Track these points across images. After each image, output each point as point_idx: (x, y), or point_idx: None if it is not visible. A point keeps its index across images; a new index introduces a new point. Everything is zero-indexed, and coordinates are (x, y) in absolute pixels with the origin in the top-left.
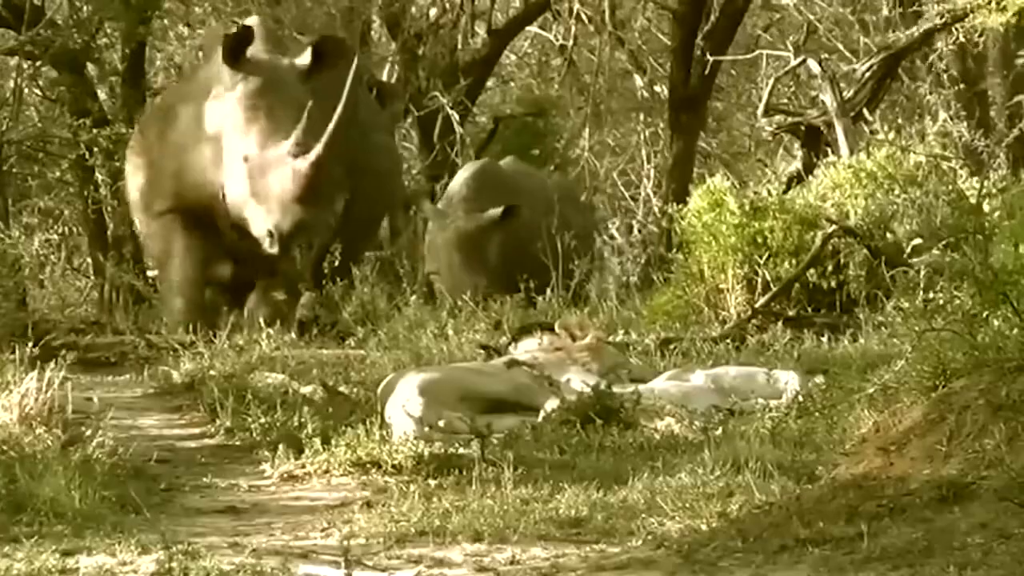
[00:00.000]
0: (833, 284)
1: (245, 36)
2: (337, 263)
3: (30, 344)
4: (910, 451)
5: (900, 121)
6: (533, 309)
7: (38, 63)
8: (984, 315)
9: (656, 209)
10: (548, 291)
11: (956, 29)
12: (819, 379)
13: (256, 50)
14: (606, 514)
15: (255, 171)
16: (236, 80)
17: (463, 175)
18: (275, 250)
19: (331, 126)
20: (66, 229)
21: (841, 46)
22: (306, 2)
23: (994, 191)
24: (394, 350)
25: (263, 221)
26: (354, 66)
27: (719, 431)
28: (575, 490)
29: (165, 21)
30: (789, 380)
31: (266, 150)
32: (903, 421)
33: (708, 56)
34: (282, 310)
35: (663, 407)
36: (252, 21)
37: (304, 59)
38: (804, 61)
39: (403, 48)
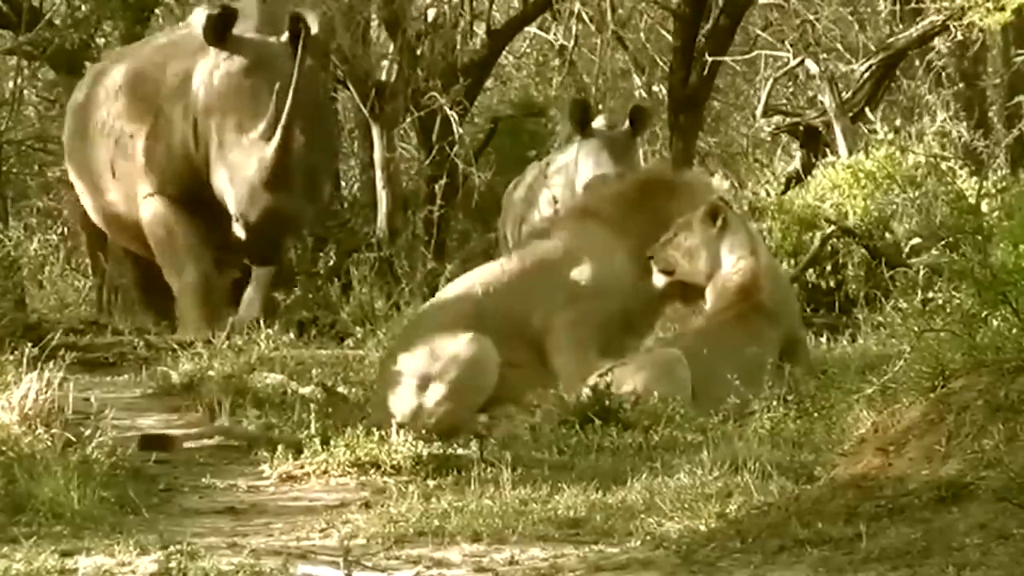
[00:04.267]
0: (832, 284)
1: (228, 17)
2: (332, 261)
3: (30, 344)
4: (909, 451)
5: (899, 121)
6: None
7: (37, 63)
8: (983, 315)
9: None
10: None
11: (955, 27)
12: None
13: (245, 27)
14: (605, 514)
15: (232, 155)
16: (220, 59)
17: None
18: (243, 235)
19: (286, 109)
20: (65, 229)
21: (840, 46)
22: (305, 2)
23: (993, 191)
24: None
25: (234, 207)
26: (302, 45)
27: (718, 432)
28: (574, 490)
29: (163, 21)
30: None
31: (243, 134)
32: (902, 421)
33: (708, 56)
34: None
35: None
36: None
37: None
38: (803, 61)
39: (403, 48)
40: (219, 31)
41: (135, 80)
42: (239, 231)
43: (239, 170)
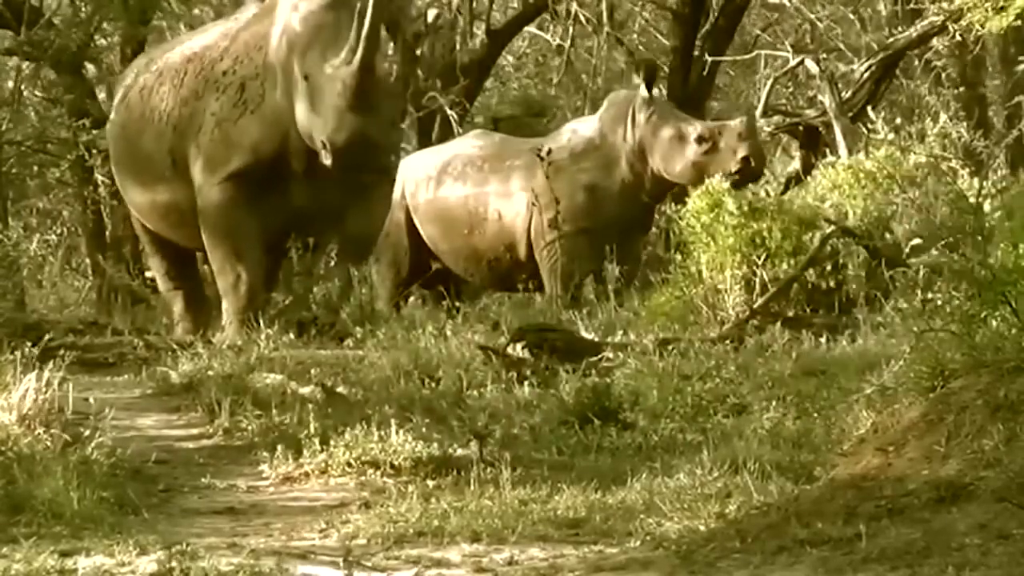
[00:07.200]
0: (832, 284)
1: None
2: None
3: (29, 344)
4: (908, 451)
5: (899, 121)
6: (532, 309)
7: (37, 63)
8: (983, 315)
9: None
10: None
11: (954, 28)
12: None
13: None
14: (604, 515)
15: (315, 87)
16: (296, 2)
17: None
18: (329, 162)
19: (365, 29)
20: (65, 230)
21: (841, 45)
22: None
23: (993, 191)
24: (393, 351)
25: (319, 133)
26: None
27: (718, 432)
28: (573, 491)
29: (164, 22)
30: None
31: (326, 63)
32: (901, 421)
33: (707, 56)
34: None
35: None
36: None
37: None
38: (802, 61)
39: (403, 48)
40: None
41: (202, 63)
42: (326, 159)
43: (325, 97)
